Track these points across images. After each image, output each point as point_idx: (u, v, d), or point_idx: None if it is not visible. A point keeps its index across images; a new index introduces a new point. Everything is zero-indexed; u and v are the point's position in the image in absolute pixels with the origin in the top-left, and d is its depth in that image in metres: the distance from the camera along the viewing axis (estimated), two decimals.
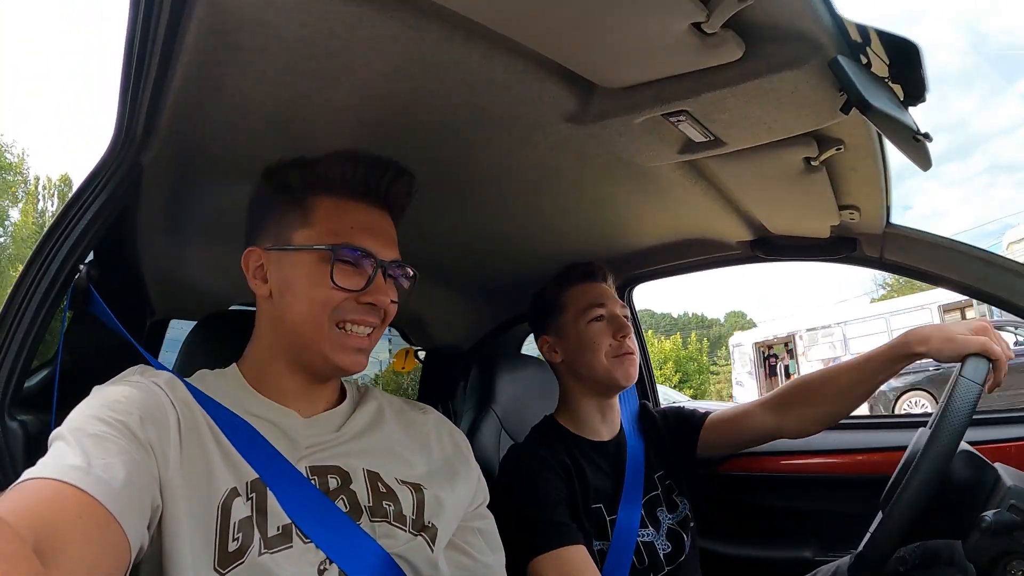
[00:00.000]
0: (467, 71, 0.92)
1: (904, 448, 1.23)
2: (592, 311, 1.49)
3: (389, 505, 0.93)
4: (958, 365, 1.14)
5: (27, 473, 0.68)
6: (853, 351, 15.44)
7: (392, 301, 0.97)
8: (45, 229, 1.06)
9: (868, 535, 1.11)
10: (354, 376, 1.07)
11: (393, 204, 1.03)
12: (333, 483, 0.91)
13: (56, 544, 0.60)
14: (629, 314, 1.56)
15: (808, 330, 18.51)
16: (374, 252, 0.95)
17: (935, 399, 10.81)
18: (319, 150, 0.99)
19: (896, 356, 1.31)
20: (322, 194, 0.97)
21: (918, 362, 1.30)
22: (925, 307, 16.90)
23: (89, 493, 0.66)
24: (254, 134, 1.09)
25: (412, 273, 1.03)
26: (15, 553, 0.50)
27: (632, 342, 1.50)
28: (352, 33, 0.83)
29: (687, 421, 1.61)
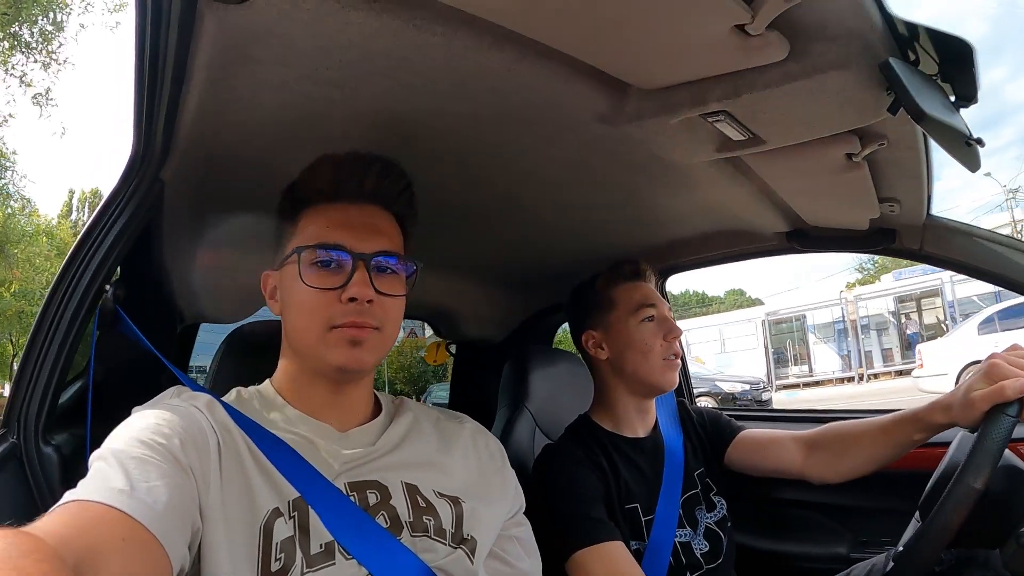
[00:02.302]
0: (494, 76, 0.90)
1: (945, 445, 1.21)
2: (644, 311, 1.46)
3: (429, 519, 0.93)
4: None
5: (69, 495, 0.69)
6: (691, 357, 15.23)
7: (383, 293, 0.92)
8: (70, 250, 1.06)
9: (903, 543, 1.09)
10: None
11: (381, 197, 0.98)
12: (373, 499, 0.91)
13: (98, 565, 0.60)
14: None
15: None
16: (347, 246, 0.91)
17: None
18: None
19: (921, 428, 1.24)
20: (307, 207, 0.97)
21: None
22: (752, 320, 19.49)
23: (132, 516, 0.66)
24: (274, 144, 1.07)
25: (411, 266, 0.99)
26: (52, 571, 0.50)
27: (679, 345, 1.48)
28: (371, 43, 0.81)
29: (721, 431, 1.59)
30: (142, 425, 0.80)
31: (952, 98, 0.87)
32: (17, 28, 11.02)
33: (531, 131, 1.08)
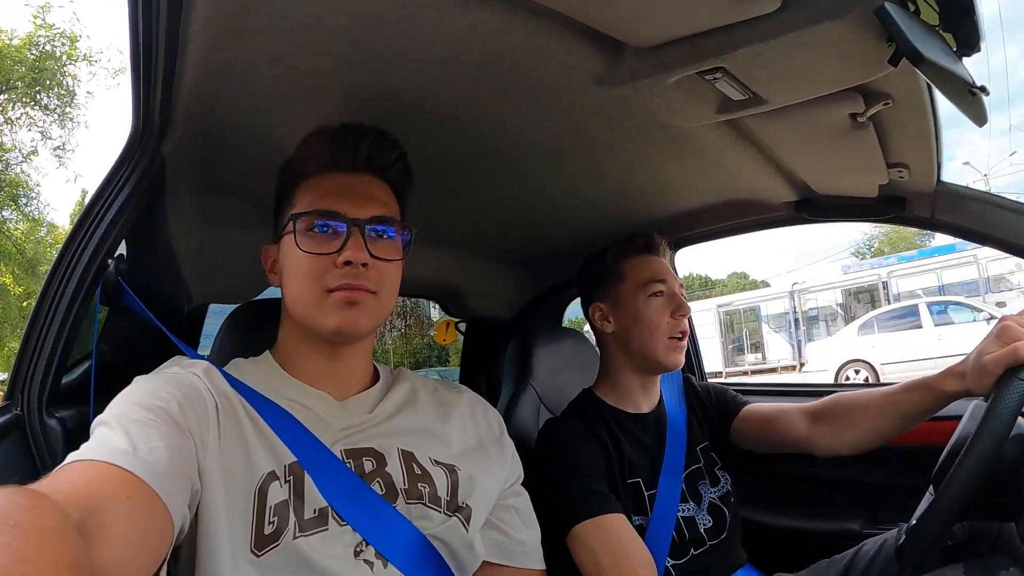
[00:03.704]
0: (487, 36, 0.89)
1: (957, 417, 1.18)
2: (652, 286, 1.45)
3: (424, 487, 0.94)
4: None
5: (72, 456, 0.69)
6: None
7: (379, 258, 0.93)
8: (71, 225, 1.07)
9: (916, 516, 1.07)
10: None
11: (375, 166, 1.00)
12: (368, 465, 0.92)
13: (102, 522, 0.60)
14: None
15: None
16: (341, 212, 0.93)
17: None
18: None
19: (933, 397, 1.20)
20: (303, 180, 0.98)
21: None
22: (708, 310, 20.62)
23: (135, 474, 0.67)
24: (273, 116, 1.07)
25: (406, 233, 1.00)
26: (55, 528, 0.50)
27: (687, 323, 1.47)
28: (360, 7, 0.81)
29: (727, 405, 1.57)
30: (142, 391, 0.81)
31: (954, 47, 0.84)
32: (39, 93, 13.20)
33: (530, 97, 1.07)
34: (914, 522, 1.07)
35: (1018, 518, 1.00)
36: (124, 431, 0.72)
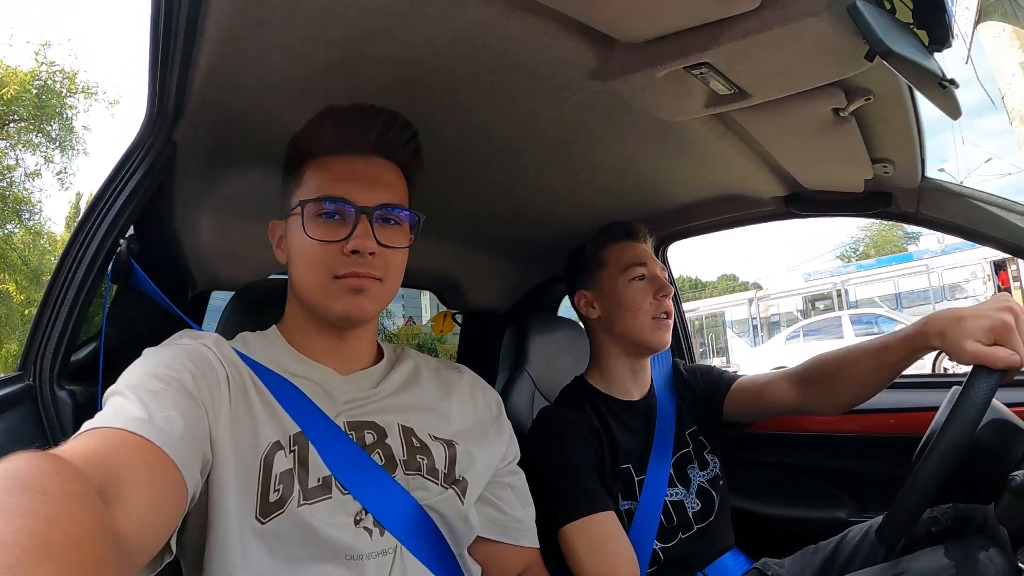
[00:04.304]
0: (488, 32, 0.93)
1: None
2: (633, 270, 1.48)
3: (422, 459, 0.96)
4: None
5: (88, 424, 0.71)
6: None
7: (385, 245, 0.95)
8: (85, 206, 1.10)
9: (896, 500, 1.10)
10: None
11: (386, 148, 1.00)
12: (369, 438, 0.94)
13: (121, 487, 0.61)
14: (668, 275, 1.55)
15: None
16: (350, 199, 0.93)
17: None
18: None
19: (913, 348, 1.18)
20: (310, 159, 0.99)
21: None
22: None
23: (153, 441, 0.69)
24: (283, 106, 1.10)
25: (414, 216, 1.01)
26: (79, 493, 0.50)
27: (670, 303, 1.49)
28: (369, 1, 0.84)
29: (716, 383, 1.59)
30: (154, 361, 0.83)
31: (926, 43, 0.88)
32: (43, 122, 14.63)
33: (527, 90, 1.11)
34: (887, 514, 1.11)
35: (996, 501, 1.02)
36: (139, 400, 0.73)
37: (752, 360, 15.33)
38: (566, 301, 2.58)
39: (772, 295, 21.39)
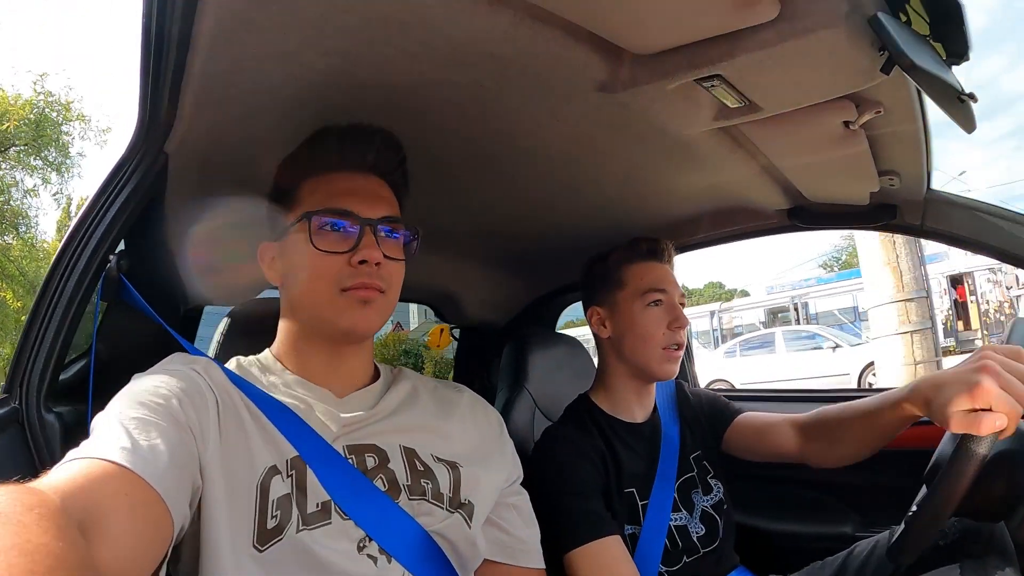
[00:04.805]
0: (493, 42, 0.90)
1: None
2: (652, 295, 1.44)
3: (427, 483, 0.94)
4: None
5: (72, 454, 0.70)
6: None
7: (389, 257, 0.96)
8: (73, 221, 1.07)
9: (907, 518, 1.08)
10: None
11: (381, 168, 1.02)
12: (371, 462, 0.92)
13: (101, 520, 0.61)
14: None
15: None
16: (354, 211, 0.94)
17: None
18: None
19: (902, 416, 1.14)
20: (309, 177, 1.00)
21: None
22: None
23: (135, 472, 0.68)
24: (278, 116, 1.08)
25: (412, 231, 1.02)
26: (58, 526, 0.50)
27: (683, 336, 1.45)
28: (369, 8, 0.82)
29: (719, 413, 1.57)
30: (141, 388, 0.81)
31: (944, 56, 0.87)
32: (41, 148, 15.52)
33: (533, 100, 1.08)
34: (904, 524, 1.09)
35: (1008, 519, 1.01)
36: (124, 429, 0.72)
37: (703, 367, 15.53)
38: (567, 311, 2.59)
39: (735, 307, 21.88)
